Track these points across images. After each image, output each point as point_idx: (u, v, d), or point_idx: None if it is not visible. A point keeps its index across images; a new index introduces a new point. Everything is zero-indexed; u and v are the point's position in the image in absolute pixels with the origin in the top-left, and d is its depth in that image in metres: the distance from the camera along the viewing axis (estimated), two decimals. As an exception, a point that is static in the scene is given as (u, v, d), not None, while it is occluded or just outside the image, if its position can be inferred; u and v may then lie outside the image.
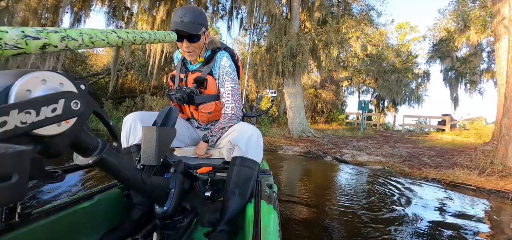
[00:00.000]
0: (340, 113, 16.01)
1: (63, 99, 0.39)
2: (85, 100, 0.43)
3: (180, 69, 1.17)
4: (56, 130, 0.39)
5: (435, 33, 15.53)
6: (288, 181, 2.89)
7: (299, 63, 6.36)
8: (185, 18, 0.98)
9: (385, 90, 14.94)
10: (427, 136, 9.47)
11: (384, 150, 5.51)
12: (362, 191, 2.57)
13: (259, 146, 1.00)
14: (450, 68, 13.94)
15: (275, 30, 6.52)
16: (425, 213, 1.95)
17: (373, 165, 4.25)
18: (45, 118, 0.36)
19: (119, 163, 0.54)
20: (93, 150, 0.49)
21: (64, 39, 0.40)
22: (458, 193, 2.75)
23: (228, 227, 0.83)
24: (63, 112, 0.39)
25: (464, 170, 3.56)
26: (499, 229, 1.76)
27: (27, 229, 0.61)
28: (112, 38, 0.50)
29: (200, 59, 1.14)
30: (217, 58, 1.11)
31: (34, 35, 0.35)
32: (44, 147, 0.39)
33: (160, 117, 0.71)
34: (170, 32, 0.76)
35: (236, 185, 0.89)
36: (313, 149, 5.27)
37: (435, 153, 5.28)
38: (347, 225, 1.64)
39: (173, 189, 0.71)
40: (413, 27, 20.05)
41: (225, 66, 1.10)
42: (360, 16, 7.72)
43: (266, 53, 7.10)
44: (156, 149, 0.63)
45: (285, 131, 7.77)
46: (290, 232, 1.47)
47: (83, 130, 0.46)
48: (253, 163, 0.96)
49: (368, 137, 8.47)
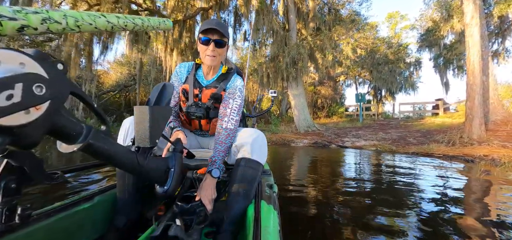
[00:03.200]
0: (340, 107, 17.00)
1: (20, 83, 0.33)
2: (57, 82, 0.38)
3: (193, 83, 1.16)
4: (25, 119, 0.35)
5: (422, 23, 16.63)
6: (306, 162, 3.93)
7: (300, 68, 7.43)
8: (218, 25, 1.05)
9: (380, 81, 15.94)
10: (421, 121, 10.11)
11: (378, 136, 6.56)
12: (358, 166, 3.62)
13: (264, 148, 1.02)
14: (438, 55, 14.97)
15: (277, 42, 7.59)
16: (402, 175, 2.99)
17: (368, 147, 5.30)
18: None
19: (109, 147, 0.51)
20: (77, 136, 0.45)
21: (45, 21, 0.37)
22: (429, 160, 3.79)
23: (232, 227, 0.84)
24: (23, 98, 0.33)
25: (437, 144, 4.61)
26: (452, 178, 2.80)
27: (27, 231, 0.61)
28: (100, 22, 0.48)
29: (224, 68, 1.17)
30: (233, 79, 1.15)
31: (10, 15, 0.32)
32: (14, 138, 0.35)
33: (153, 96, 0.67)
34: (166, 19, 0.75)
35: (240, 186, 0.90)
36: (319, 140, 6.32)
37: (421, 134, 6.32)
38: (344, 187, 2.69)
39: (173, 168, 0.69)
40: (404, 16, 21.01)
41: (238, 85, 1.14)
42: (348, 22, 8.79)
43: (270, 62, 8.16)
44: (149, 130, 0.61)
45: (293, 128, 8.82)
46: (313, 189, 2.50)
47: (61, 115, 0.42)
48: (257, 164, 0.97)
49: (366, 126, 9.49)
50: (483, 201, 1.86)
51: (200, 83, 1.16)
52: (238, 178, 0.92)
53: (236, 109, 1.08)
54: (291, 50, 7.37)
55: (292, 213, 1.60)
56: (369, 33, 9.74)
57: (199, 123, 1.20)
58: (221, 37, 1.06)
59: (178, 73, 1.20)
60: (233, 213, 0.85)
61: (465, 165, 3.37)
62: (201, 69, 1.18)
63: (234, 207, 0.86)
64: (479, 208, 1.70)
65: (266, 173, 1.24)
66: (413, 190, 2.16)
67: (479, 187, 2.28)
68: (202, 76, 1.18)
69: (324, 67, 9.14)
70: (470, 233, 1.30)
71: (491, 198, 1.97)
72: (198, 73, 1.18)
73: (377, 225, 1.41)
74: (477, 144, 4.41)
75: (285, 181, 2.52)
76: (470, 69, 4.93)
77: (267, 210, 0.76)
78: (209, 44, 1.05)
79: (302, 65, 7.34)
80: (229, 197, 0.89)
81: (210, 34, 1.05)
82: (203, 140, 1.30)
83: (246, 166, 0.94)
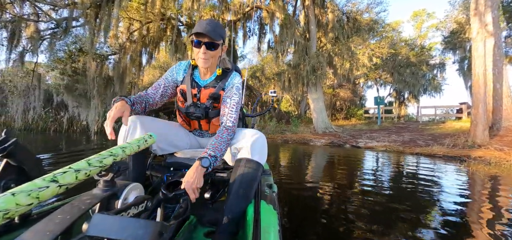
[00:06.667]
0: (358, 109, 17.26)
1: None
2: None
3: (191, 84, 1.16)
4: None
5: (447, 25, 16.31)
6: (323, 157, 4.84)
7: (319, 75, 8.28)
8: (209, 27, 1.03)
9: (401, 84, 15.97)
10: (441, 125, 10.14)
11: (391, 138, 7.20)
12: (367, 163, 4.45)
13: (264, 149, 1.01)
14: (462, 58, 14.70)
15: (298, 52, 8.50)
16: (405, 170, 3.80)
17: (379, 148, 6.03)
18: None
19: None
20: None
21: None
22: (429, 159, 4.50)
23: (231, 227, 0.83)
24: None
25: (439, 146, 5.25)
26: (450, 174, 3.57)
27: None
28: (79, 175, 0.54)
29: (218, 71, 1.16)
30: (232, 78, 1.16)
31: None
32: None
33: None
34: (148, 135, 0.87)
35: (240, 186, 0.90)
36: (335, 140, 7.14)
37: (431, 138, 6.86)
38: (353, 177, 3.58)
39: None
40: (431, 14, 20.33)
41: (235, 83, 1.14)
42: (366, 30, 9.43)
43: (292, 69, 9.09)
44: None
45: (311, 128, 9.67)
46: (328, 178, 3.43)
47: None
48: (257, 164, 0.96)
49: (383, 129, 9.96)
50: (452, 185, 2.69)
51: (197, 83, 1.17)
52: (238, 178, 0.92)
53: (234, 107, 1.10)
54: (311, 59, 8.25)
55: (305, 198, 2.58)
56: (384, 42, 10.23)
57: (198, 123, 1.22)
58: (212, 40, 1.05)
59: (175, 71, 1.20)
60: (232, 214, 0.85)
61: (456, 164, 4.06)
62: (198, 69, 1.19)
63: (233, 208, 0.87)
64: (447, 190, 2.55)
65: (266, 173, 1.27)
66: (400, 177, 3.02)
67: (456, 176, 3.07)
68: (199, 76, 1.19)
69: (342, 73, 9.87)
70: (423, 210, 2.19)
71: (460, 183, 2.78)
72: (195, 73, 1.19)
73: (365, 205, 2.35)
74: (478, 147, 4.98)
75: (301, 173, 3.49)
76: (475, 79, 5.47)
77: (267, 210, 0.78)
78: (200, 46, 1.06)
79: (321, 73, 8.18)
80: (229, 197, 0.89)
81: (201, 37, 1.05)
82: (202, 140, 1.31)
83: (245, 166, 0.95)
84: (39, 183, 0.47)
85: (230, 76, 1.18)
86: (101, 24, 6.50)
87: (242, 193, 0.90)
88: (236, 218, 0.85)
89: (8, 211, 0.42)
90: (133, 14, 8.33)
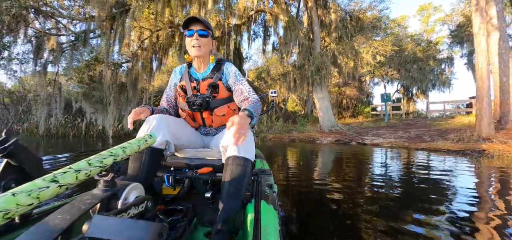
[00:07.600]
0: (365, 107, 17.20)
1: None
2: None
3: (189, 78, 1.23)
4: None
5: (453, 18, 16.09)
6: (329, 155, 5.04)
7: (324, 75, 8.45)
8: (198, 17, 1.15)
9: (408, 80, 15.80)
10: (450, 120, 9.97)
11: (397, 134, 7.30)
12: (372, 159, 4.63)
13: (250, 143, 1.01)
14: (471, 52, 14.48)
15: (303, 53, 8.71)
16: (410, 165, 3.97)
17: (385, 144, 6.17)
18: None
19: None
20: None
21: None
22: (434, 154, 4.63)
23: (225, 227, 0.81)
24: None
25: (444, 141, 5.35)
26: (452, 167, 3.72)
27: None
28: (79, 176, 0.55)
29: (211, 58, 1.23)
30: (226, 67, 1.23)
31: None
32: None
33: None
34: (148, 135, 0.96)
35: (230, 184, 0.90)
36: (342, 138, 7.30)
37: (438, 133, 6.92)
38: (358, 171, 3.77)
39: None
40: (437, 7, 20.05)
41: (234, 71, 1.21)
42: (369, 29, 9.55)
43: (297, 70, 9.30)
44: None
45: (317, 127, 9.83)
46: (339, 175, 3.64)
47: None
48: (245, 160, 0.95)
49: (390, 126, 9.99)
50: (453, 175, 2.87)
51: (195, 78, 1.25)
52: (228, 177, 0.92)
53: (249, 88, 1.18)
54: (315, 59, 8.44)
55: (311, 189, 2.81)
56: (387, 40, 10.29)
57: (201, 116, 1.25)
58: (204, 28, 1.15)
59: (174, 77, 1.32)
60: (225, 212, 0.85)
61: (458, 158, 4.19)
62: (193, 67, 1.28)
63: (225, 206, 0.86)
64: (447, 181, 2.73)
65: (266, 173, 1.27)
66: (400, 171, 3.21)
67: (458, 170, 3.23)
68: (195, 71, 1.26)
69: (346, 72, 10.00)
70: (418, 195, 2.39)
71: (460, 172, 2.95)
72: (191, 70, 1.28)
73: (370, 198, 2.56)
74: (483, 141, 5.06)
75: (307, 171, 3.71)
76: (478, 74, 5.54)
77: (267, 210, 0.78)
78: (193, 35, 1.14)
79: (326, 72, 8.36)
80: (221, 197, 0.90)
81: (192, 25, 1.14)
82: (207, 139, 1.35)
83: (233, 164, 0.94)
84: (39, 183, 0.48)
85: (225, 66, 1.24)
86: (115, 34, 6.93)
87: (233, 191, 0.90)
88: (230, 216, 0.84)
89: (8, 211, 0.42)
90: (143, 23, 8.76)
